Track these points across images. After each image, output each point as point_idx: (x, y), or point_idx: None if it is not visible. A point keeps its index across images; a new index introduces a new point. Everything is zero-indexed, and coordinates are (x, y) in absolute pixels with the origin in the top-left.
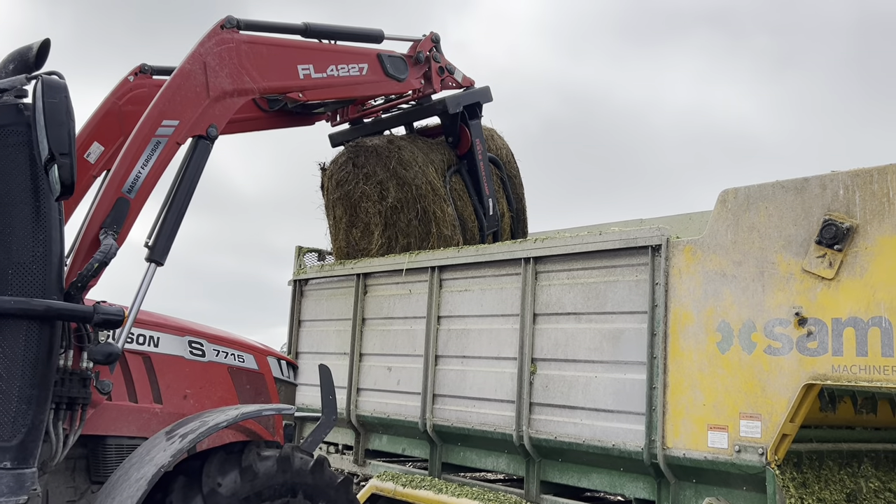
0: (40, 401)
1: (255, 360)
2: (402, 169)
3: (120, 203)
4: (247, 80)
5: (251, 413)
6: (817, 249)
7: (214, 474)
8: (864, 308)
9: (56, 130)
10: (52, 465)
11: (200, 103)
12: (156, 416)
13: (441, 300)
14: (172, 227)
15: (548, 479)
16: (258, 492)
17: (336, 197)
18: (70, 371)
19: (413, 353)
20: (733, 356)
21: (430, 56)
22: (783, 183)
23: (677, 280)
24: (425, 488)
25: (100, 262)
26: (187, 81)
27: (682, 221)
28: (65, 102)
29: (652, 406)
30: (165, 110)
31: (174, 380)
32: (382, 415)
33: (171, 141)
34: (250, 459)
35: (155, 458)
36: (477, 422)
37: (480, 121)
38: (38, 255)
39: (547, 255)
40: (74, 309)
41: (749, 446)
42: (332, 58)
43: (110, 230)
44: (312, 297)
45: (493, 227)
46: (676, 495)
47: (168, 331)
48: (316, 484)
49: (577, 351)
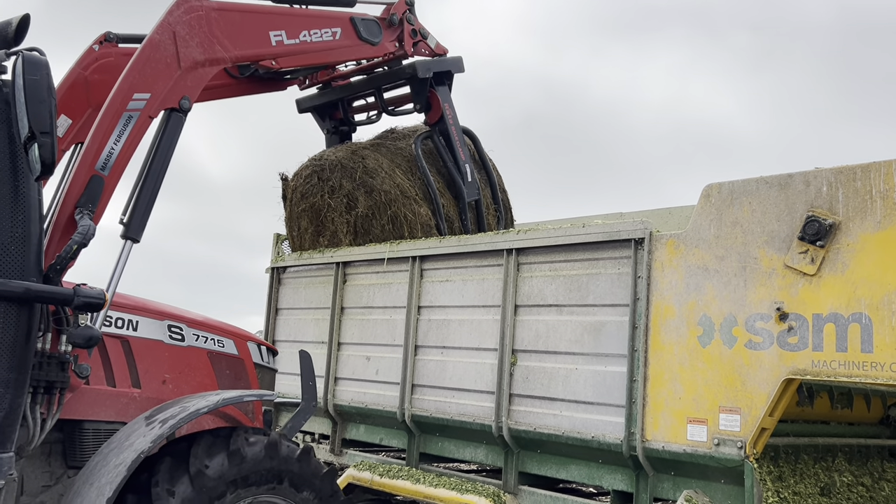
0: (18, 384)
1: (235, 346)
2: (369, 178)
3: (94, 181)
4: (218, 49)
5: (232, 398)
6: (800, 245)
7: (202, 456)
8: (844, 304)
9: (37, 108)
10: (29, 449)
11: (172, 75)
12: (134, 400)
13: (422, 290)
14: (147, 202)
15: (526, 469)
16: (245, 476)
17: (301, 209)
18: (48, 354)
19: (392, 343)
20: (714, 350)
21: (404, 18)
22: (767, 179)
23: (659, 274)
24: (402, 478)
25: (78, 243)
26: (157, 52)
27: (661, 216)
28: (46, 80)
29: (632, 399)
30: (136, 83)
31: (153, 364)
32: (360, 404)
33: (144, 115)
34: (238, 443)
35: (135, 444)
36: (456, 412)
37: (450, 90)
38: (17, 236)
39: (529, 247)
40: (54, 291)
41: (728, 440)
42: (304, 23)
43: (85, 209)
44: (290, 284)
45: (473, 195)
46: (654, 488)
47: (147, 314)
48: (302, 472)
49: (557, 343)
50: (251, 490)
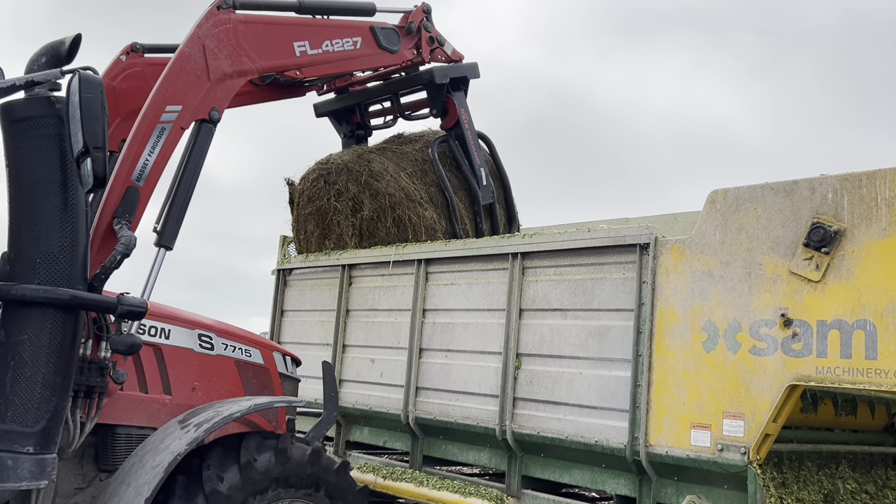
0: (63, 388)
1: (261, 355)
2: (374, 181)
3: (130, 191)
4: (245, 60)
5: (263, 404)
6: (804, 252)
7: (252, 449)
8: (849, 311)
9: (91, 125)
10: (69, 451)
11: (202, 87)
12: (165, 406)
13: (427, 293)
14: (180, 211)
15: (529, 473)
16: (287, 476)
17: (307, 212)
18: (89, 360)
19: (397, 346)
20: (718, 355)
21: (421, 26)
22: (772, 185)
23: (664, 279)
24: (406, 481)
25: (122, 253)
26: (187, 65)
27: (667, 221)
28: (100, 98)
29: (636, 403)
30: (168, 96)
31: (183, 372)
32: (364, 406)
33: (176, 126)
34: (285, 444)
35: (171, 446)
36: (460, 415)
37: (466, 95)
38: (65, 245)
39: (535, 251)
40: (99, 299)
41: (731, 445)
42: (326, 33)
43: (123, 220)
44: (296, 286)
45: (487, 199)
46: (658, 493)
47: (179, 323)
48: (339, 484)
49: (562, 347)
50: (290, 491)
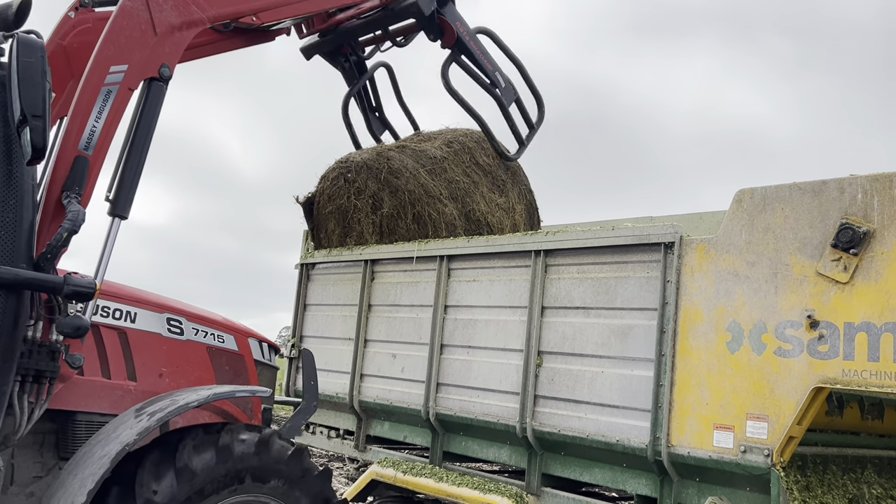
0: (3, 372)
1: (235, 341)
2: (394, 178)
3: (79, 162)
4: (194, 10)
5: (224, 394)
6: (832, 253)
7: (189, 450)
8: (877, 313)
9: (30, 91)
10: (16, 438)
11: (148, 43)
12: (129, 393)
13: (449, 289)
14: (133, 177)
15: (549, 471)
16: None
17: (328, 211)
18: (39, 343)
19: (418, 342)
20: (743, 356)
21: None
22: (800, 185)
23: (689, 278)
24: (426, 476)
25: (69, 230)
26: (130, 20)
27: (692, 220)
28: (41, 63)
29: (658, 403)
30: (111, 55)
31: (150, 357)
32: (385, 401)
33: (123, 88)
34: (228, 439)
35: (121, 436)
36: (480, 412)
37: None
38: (8, 222)
39: (558, 249)
40: (43, 279)
41: (755, 447)
42: None
43: (73, 193)
44: (319, 281)
45: (511, 99)
46: (679, 493)
47: (146, 307)
48: (291, 472)
49: (584, 345)
50: (238, 488)
